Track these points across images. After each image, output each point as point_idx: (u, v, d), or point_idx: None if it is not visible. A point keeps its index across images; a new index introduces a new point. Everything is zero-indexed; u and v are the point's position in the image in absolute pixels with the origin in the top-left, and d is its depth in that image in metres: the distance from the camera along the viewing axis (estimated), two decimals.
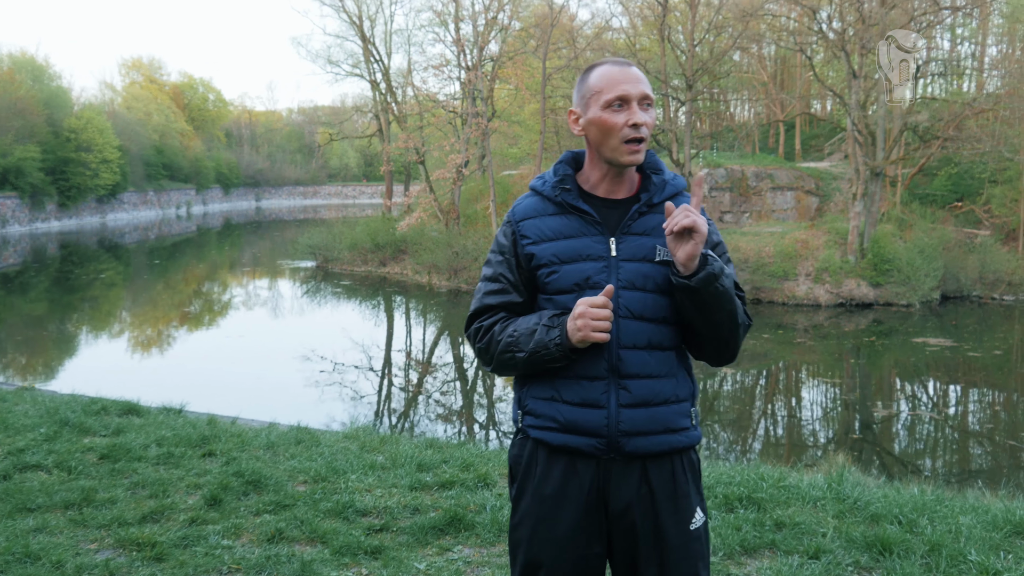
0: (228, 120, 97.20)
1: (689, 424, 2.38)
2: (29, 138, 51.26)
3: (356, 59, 41.58)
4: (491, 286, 2.48)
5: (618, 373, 2.31)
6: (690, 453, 2.42)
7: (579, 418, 2.33)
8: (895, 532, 4.31)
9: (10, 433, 6.31)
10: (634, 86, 2.33)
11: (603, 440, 2.31)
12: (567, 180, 2.44)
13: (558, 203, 2.42)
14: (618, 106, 2.33)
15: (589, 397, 2.32)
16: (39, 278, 33.94)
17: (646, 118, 2.33)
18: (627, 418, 2.30)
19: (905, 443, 14.59)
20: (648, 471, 2.34)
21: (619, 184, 2.43)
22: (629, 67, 2.37)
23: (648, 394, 2.32)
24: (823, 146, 42.19)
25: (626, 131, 2.32)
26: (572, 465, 2.36)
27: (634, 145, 2.33)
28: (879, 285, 25.43)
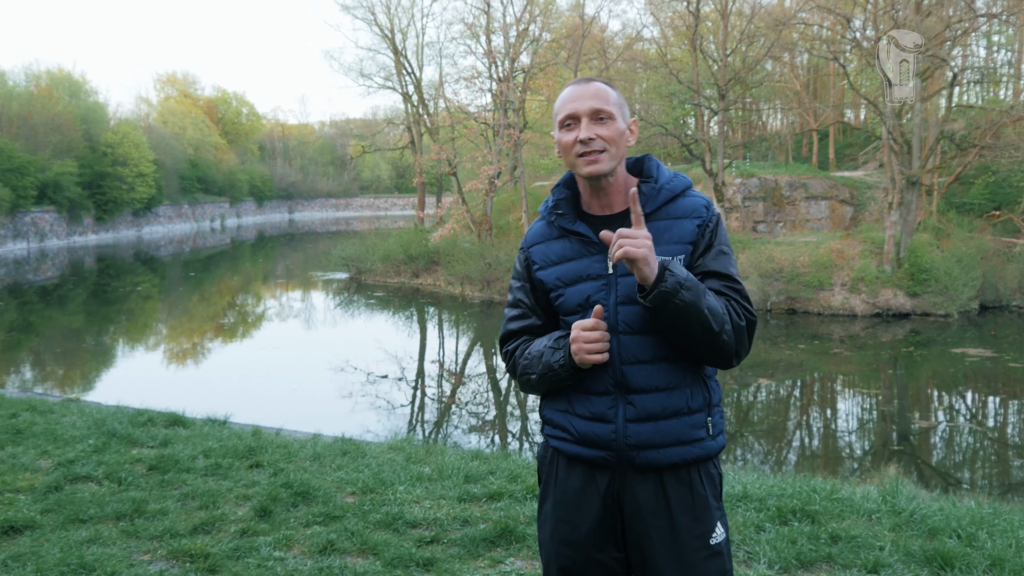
0: (261, 133, 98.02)
1: (705, 435, 2.36)
2: (67, 153, 52.00)
3: (388, 72, 41.84)
4: (512, 312, 2.58)
5: (624, 388, 2.33)
6: (709, 465, 2.40)
7: (589, 431, 2.37)
8: (954, 546, 4.24)
9: (59, 444, 6.37)
10: (582, 103, 2.37)
11: (613, 453, 2.33)
12: (561, 204, 2.51)
13: (558, 227, 2.49)
14: (568, 125, 2.41)
15: (598, 411, 2.36)
16: (77, 291, 34.34)
17: (599, 131, 2.36)
18: (634, 432, 2.31)
19: (944, 455, 14.40)
20: (664, 482, 2.34)
21: (609, 198, 2.46)
22: (587, 84, 2.41)
23: (655, 408, 2.32)
24: (857, 155, 41.84)
25: (577, 147, 2.38)
26: (590, 473, 2.39)
27: (588, 156, 2.36)
28: (916, 295, 25.14)
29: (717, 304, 2.27)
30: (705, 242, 2.38)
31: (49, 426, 6.91)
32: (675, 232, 2.38)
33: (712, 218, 2.41)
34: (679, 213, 2.41)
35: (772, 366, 20.14)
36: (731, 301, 2.34)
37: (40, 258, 45.73)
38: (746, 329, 2.34)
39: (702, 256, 2.38)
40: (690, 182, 2.48)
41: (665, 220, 2.40)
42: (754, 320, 2.37)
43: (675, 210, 2.41)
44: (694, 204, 2.43)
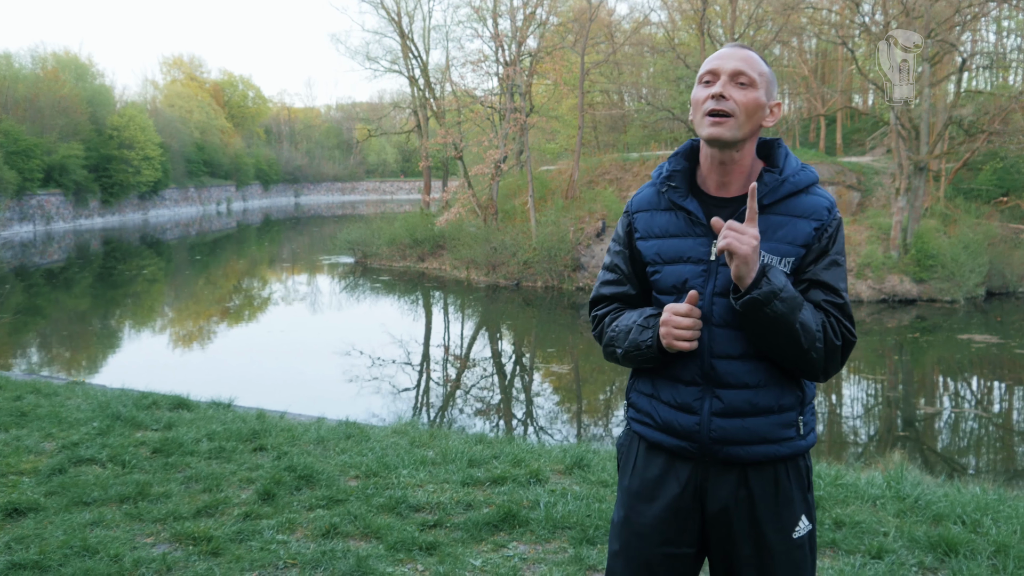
0: (267, 117, 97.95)
1: (794, 434, 2.26)
2: (73, 136, 51.99)
3: (394, 55, 41.75)
4: (607, 276, 2.47)
5: (712, 381, 2.23)
6: (798, 460, 2.30)
7: (673, 420, 2.28)
8: (959, 532, 4.22)
9: (64, 427, 6.38)
10: (727, 61, 2.24)
11: (695, 445, 2.25)
12: (675, 176, 2.35)
13: (668, 199, 2.35)
14: (707, 81, 2.26)
15: (683, 401, 2.27)
16: (83, 274, 34.39)
17: (735, 93, 2.21)
18: (719, 427, 2.22)
19: (949, 441, 14.38)
20: (748, 476, 2.25)
21: (729, 177, 2.30)
22: (739, 48, 2.28)
23: (743, 405, 2.22)
24: (865, 140, 41.64)
25: (708, 103, 2.22)
26: (671, 462, 2.31)
27: (713, 117, 2.21)
28: (923, 281, 25.08)
29: (812, 320, 2.16)
30: (820, 248, 2.24)
31: (54, 408, 6.92)
32: (790, 231, 2.24)
33: (833, 222, 2.26)
34: (799, 211, 2.26)
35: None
36: (831, 318, 2.22)
37: (46, 241, 45.79)
38: (841, 349, 2.24)
39: (814, 263, 2.24)
40: (817, 177, 2.33)
41: (782, 216, 2.26)
42: (853, 340, 2.25)
43: (795, 207, 2.27)
44: (816, 204, 2.27)
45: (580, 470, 5.50)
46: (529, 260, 28.95)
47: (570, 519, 4.55)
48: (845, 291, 2.26)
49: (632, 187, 33.84)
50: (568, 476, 5.43)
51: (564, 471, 5.52)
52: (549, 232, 28.93)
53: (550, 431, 14.11)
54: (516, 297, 27.54)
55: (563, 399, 16.56)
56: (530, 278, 28.84)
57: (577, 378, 18.24)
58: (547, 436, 13.54)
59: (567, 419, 15.05)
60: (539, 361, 20.22)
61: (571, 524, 4.51)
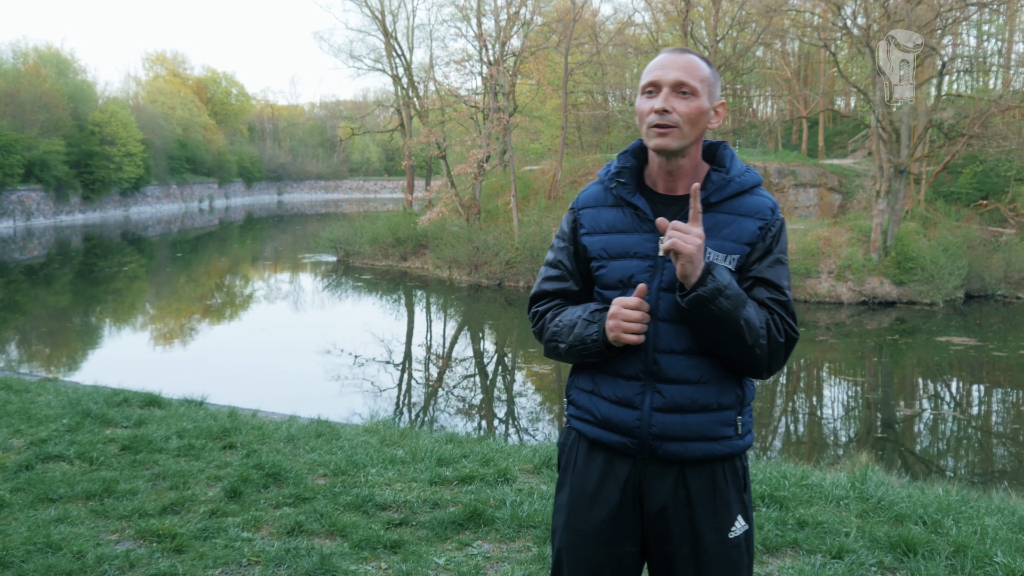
0: (251, 114, 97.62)
1: (732, 433, 2.29)
2: (54, 131, 51.68)
3: (378, 54, 41.70)
4: (550, 272, 2.49)
5: (654, 376, 2.26)
6: (734, 461, 2.33)
7: (613, 415, 2.30)
8: (920, 533, 4.26)
9: (32, 424, 6.35)
10: (667, 72, 2.26)
11: (635, 440, 2.27)
12: (624, 173, 2.38)
13: (615, 195, 2.38)
14: (649, 92, 2.29)
15: (624, 396, 2.29)
16: (63, 270, 34.20)
17: (677, 104, 2.24)
18: (659, 422, 2.24)
19: (927, 443, 14.47)
20: (686, 475, 2.28)
21: (676, 178, 2.34)
22: (680, 55, 2.30)
23: (684, 400, 2.25)
24: (846, 143, 41.87)
25: (651, 116, 2.25)
26: (610, 461, 2.32)
27: (659, 129, 2.24)
28: (902, 283, 25.23)
29: (756, 317, 2.21)
30: (764, 246, 2.29)
31: (24, 405, 6.88)
32: (735, 229, 2.29)
33: (776, 222, 2.31)
34: (743, 210, 2.31)
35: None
36: (775, 315, 2.26)
37: (26, 237, 45.50)
38: (784, 346, 2.27)
39: (758, 261, 2.29)
40: (761, 179, 2.37)
41: (728, 214, 2.31)
42: (795, 338, 2.29)
43: (740, 206, 2.32)
44: (760, 204, 2.33)
45: (549, 469, 5.51)
46: (511, 260, 28.97)
47: (535, 518, 4.56)
48: (788, 289, 2.30)
49: None
50: (536, 475, 5.44)
51: (533, 470, 5.53)
52: (532, 232, 28.96)
53: (531, 431, 14.13)
54: (498, 297, 27.55)
55: (544, 399, 16.58)
56: (512, 278, 28.86)
57: (559, 378, 18.25)
58: (528, 436, 13.56)
59: (549, 419, 15.07)
60: (521, 361, 20.23)
61: (536, 523, 4.52)
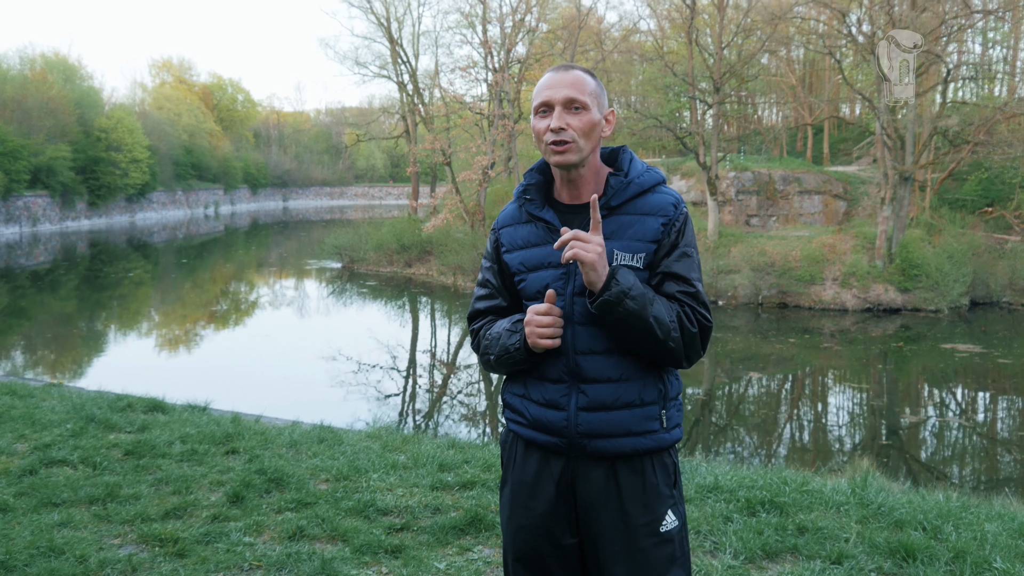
0: (256, 121, 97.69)
1: (658, 427, 2.36)
2: (60, 137, 51.79)
3: (383, 60, 41.80)
4: (480, 291, 2.59)
5: (577, 377, 2.34)
6: (663, 455, 2.40)
7: (543, 417, 2.38)
8: (919, 538, 4.26)
9: (37, 428, 6.37)
10: (557, 91, 2.35)
11: (565, 440, 2.35)
12: (531, 189, 2.49)
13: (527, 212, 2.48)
14: (543, 112, 2.39)
15: (551, 398, 2.38)
16: (69, 276, 34.28)
17: (571, 120, 2.34)
18: (584, 421, 2.33)
19: (933, 450, 14.45)
20: (617, 470, 2.35)
21: (579, 188, 2.44)
22: (565, 72, 2.39)
23: (607, 398, 2.33)
24: (851, 150, 41.87)
25: (548, 135, 2.35)
26: (545, 459, 2.41)
27: (556, 147, 2.34)
28: (907, 290, 25.21)
29: (665, 313, 2.27)
30: (670, 241, 2.36)
31: (28, 410, 6.91)
32: (639, 229, 2.36)
33: (679, 217, 2.39)
34: (646, 209, 2.39)
35: (763, 360, 20.18)
36: (685, 307, 2.33)
37: (32, 243, 45.62)
38: (699, 335, 2.34)
39: (666, 256, 2.36)
40: (662, 178, 2.45)
41: (631, 215, 2.38)
42: (709, 326, 2.36)
43: (642, 206, 2.39)
44: (662, 201, 2.40)
45: None
46: None
47: None
48: (698, 280, 2.38)
49: None
50: None
51: None
52: None
53: None
54: None
55: None
56: None
57: None
58: None
59: None
60: None
61: None
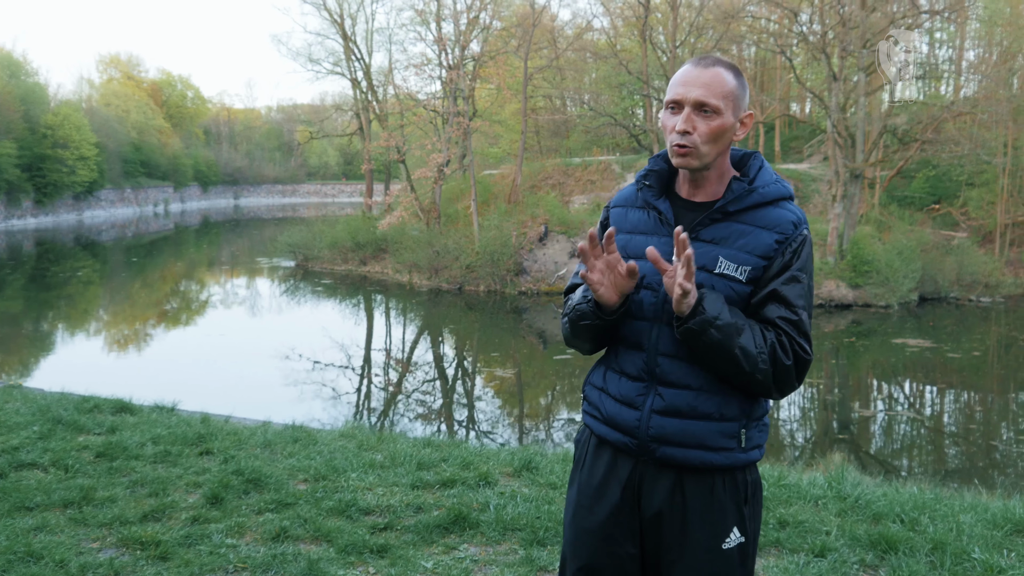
0: (207, 118, 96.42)
1: (735, 445, 2.26)
2: (5, 135, 50.82)
3: (337, 57, 41.59)
4: (580, 267, 2.43)
5: (656, 378, 2.27)
6: (736, 474, 2.29)
7: (617, 414, 2.32)
8: (898, 530, 4.35)
9: (2, 431, 6.24)
10: (690, 90, 2.24)
11: (635, 441, 2.28)
12: (651, 176, 2.40)
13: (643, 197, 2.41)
14: (673, 109, 2.28)
15: (628, 395, 2.31)
16: (15, 276, 33.62)
17: (699, 124, 2.23)
18: (657, 424, 2.25)
19: (883, 443, 14.72)
20: (684, 481, 2.27)
21: (700, 185, 2.34)
22: (704, 68, 2.27)
23: (683, 406, 2.24)
24: (803, 148, 42.38)
25: (673, 136, 2.26)
26: (614, 459, 2.35)
27: (678, 150, 2.25)
28: (858, 286, 25.64)
29: (754, 344, 2.17)
30: (783, 261, 2.24)
31: None
32: (751, 241, 2.26)
33: (797, 237, 2.26)
34: (764, 222, 2.27)
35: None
36: (783, 335, 2.21)
37: None
38: (793, 367, 2.22)
39: (775, 277, 2.24)
40: (790, 193, 2.33)
41: (746, 225, 2.28)
42: (806, 359, 2.24)
43: (760, 218, 2.28)
44: (782, 218, 2.28)
45: (529, 472, 5.54)
46: (472, 264, 28.99)
47: (520, 521, 4.59)
48: (803, 309, 2.25)
49: (574, 191, 34.08)
50: (517, 479, 5.47)
51: (513, 473, 5.56)
52: (492, 236, 29.01)
53: (492, 435, 14.16)
54: (459, 301, 27.55)
55: (505, 403, 16.61)
56: (473, 282, 28.87)
57: (519, 382, 18.30)
58: (488, 440, 13.58)
59: (509, 423, 15.11)
60: (481, 365, 20.25)
61: (521, 526, 4.55)
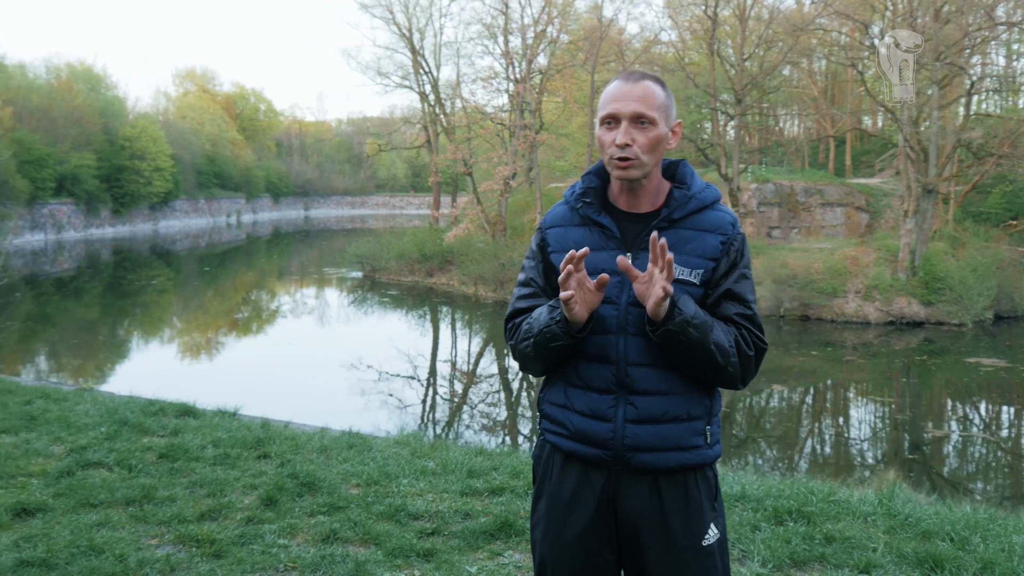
0: (279, 130, 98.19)
1: (702, 443, 2.35)
2: (85, 146, 52.35)
3: (405, 71, 41.98)
4: (523, 291, 2.52)
5: (627, 388, 2.31)
6: (705, 470, 2.38)
7: (587, 428, 2.34)
8: (947, 549, 4.28)
9: (72, 431, 6.47)
10: (625, 104, 2.31)
11: (609, 452, 2.32)
12: (590, 193, 2.46)
13: (582, 215, 2.45)
14: (609, 124, 2.35)
15: (597, 409, 2.34)
16: (93, 283, 34.60)
17: (637, 136, 2.31)
18: (632, 433, 2.30)
19: (956, 464, 14.38)
20: (660, 484, 2.33)
21: (638, 197, 2.41)
22: (635, 83, 2.34)
23: (656, 411, 2.30)
24: (874, 162, 41.73)
25: (612, 149, 2.32)
26: (585, 472, 2.38)
27: (620, 163, 2.32)
28: (930, 304, 25.10)
29: (725, 338, 2.28)
30: (729, 261, 2.36)
31: (63, 413, 7.01)
32: (699, 244, 2.35)
33: (737, 237, 2.39)
34: (705, 226, 2.38)
35: (785, 372, 20.14)
36: (743, 330, 2.34)
37: (57, 250, 46.07)
38: (754, 358, 2.35)
39: (725, 276, 2.36)
40: (720, 195, 2.45)
41: (690, 230, 2.37)
42: (764, 348, 2.37)
43: (702, 221, 2.38)
44: (721, 219, 2.39)
45: None
46: None
47: None
48: (754, 303, 2.39)
49: None
50: None
51: None
52: None
53: None
54: None
55: None
56: None
57: None
58: None
59: None
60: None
61: None
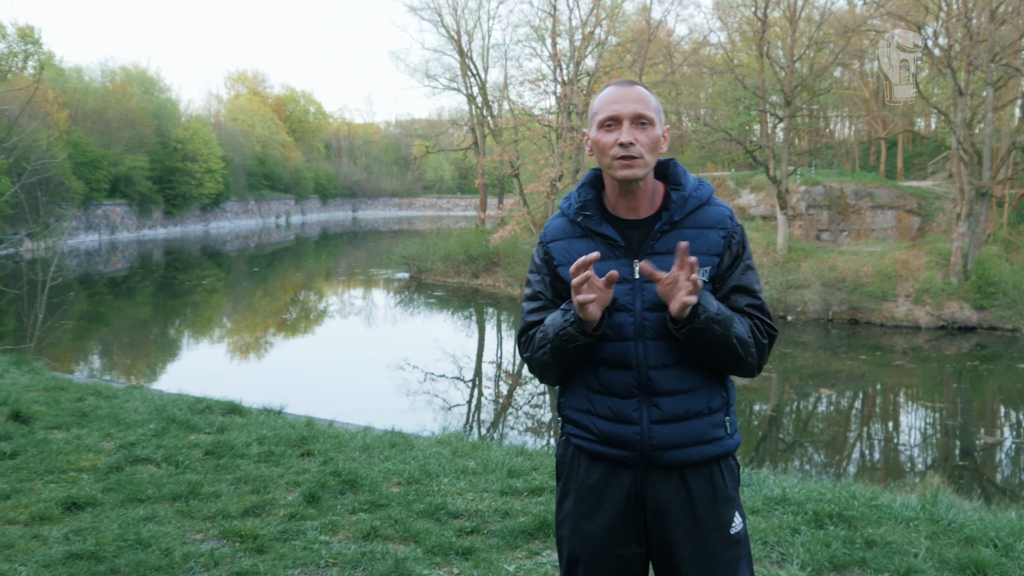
0: (328, 132, 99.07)
1: (724, 434, 2.41)
2: (138, 148, 53.24)
3: (453, 73, 42.14)
4: (532, 304, 2.56)
5: (649, 391, 2.36)
6: (728, 459, 2.46)
7: (613, 431, 2.39)
8: (990, 555, 4.23)
9: (122, 428, 6.61)
10: (625, 106, 2.37)
11: (636, 453, 2.37)
12: (588, 205, 2.48)
13: (583, 227, 2.48)
14: (609, 126, 2.40)
15: (621, 413, 2.38)
16: (145, 283, 35.19)
17: (639, 136, 2.36)
18: (659, 433, 2.35)
19: (1009, 472, 14.13)
20: (687, 477, 2.38)
21: (637, 201, 2.45)
22: (630, 87, 2.41)
23: (679, 410, 2.36)
24: (926, 165, 41.07)
25: (615, 149, 2.36)
26: (613, 468, 2.42)
27: (625, 161, 2.36)
28: (983, 308, 24.65)
29: (744, 330, 2.34)
30: (732, 255, 2.42)
31: (113, 410, 7.16)
32: (702, 243, 2.40)
33: (737, 230, 2.44)
34: (705, 222, 2.43)
35: (833, 376, 19.92)
36: (755, 320, 2.41)
37: (111, 250, 46.93)
38: (768, 346, 2.43)
39: (730, 270, 2.42)
40: (713, 189, 2.50)
41: (692, 229, 2.41)
42: (775, 335, 2.44)
43: (701, 219, 2.44)
44: (719, 214, 2.45)
45: None
46: None
47: None
48: (761, 292, 2.46)
49: None
50: None
51: None
52: None
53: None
54: None
55: None
56: None
57: None
58: None
59: None
60: None
61: None
